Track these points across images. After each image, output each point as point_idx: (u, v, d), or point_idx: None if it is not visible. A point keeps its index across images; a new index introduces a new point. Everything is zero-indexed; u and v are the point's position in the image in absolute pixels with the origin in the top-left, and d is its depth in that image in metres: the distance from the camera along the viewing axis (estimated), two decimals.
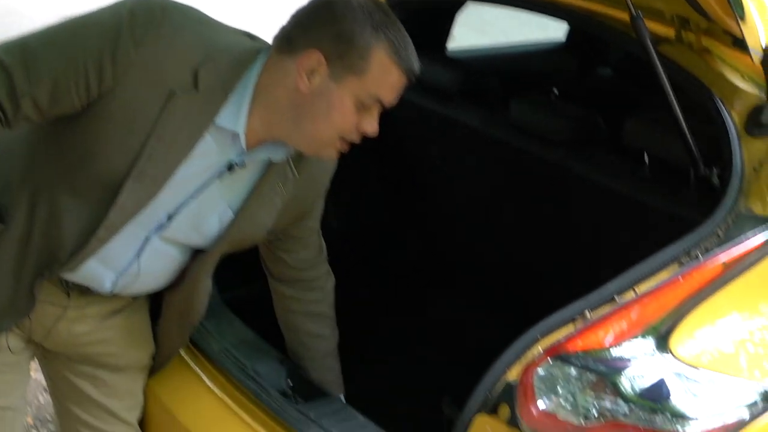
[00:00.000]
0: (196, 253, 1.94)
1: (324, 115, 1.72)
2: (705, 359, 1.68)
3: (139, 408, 2.17)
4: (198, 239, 1.90)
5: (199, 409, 2.16)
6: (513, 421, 1.69)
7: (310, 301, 2.19)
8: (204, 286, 2.02)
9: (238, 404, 2.12)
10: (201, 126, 1.73)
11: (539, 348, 1.72)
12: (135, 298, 2.04)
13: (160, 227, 1.83)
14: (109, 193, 1.73)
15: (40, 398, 3.11)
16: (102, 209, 1.74)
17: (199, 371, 2.22)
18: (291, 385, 2.15)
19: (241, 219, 1.87)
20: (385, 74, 1.71)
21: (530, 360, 1.71)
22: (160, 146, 1.70)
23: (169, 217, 1.82)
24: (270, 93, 1.73)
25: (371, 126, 1.76)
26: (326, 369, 2.23)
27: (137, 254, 1.85)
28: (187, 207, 1.82)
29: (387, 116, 2.75)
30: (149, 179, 1.72)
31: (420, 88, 2.58)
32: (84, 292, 1.91)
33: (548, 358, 1.69)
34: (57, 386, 2.12)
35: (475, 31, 5.28)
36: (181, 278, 1.98)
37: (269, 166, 1.85)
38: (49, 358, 2.07)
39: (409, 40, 1.74)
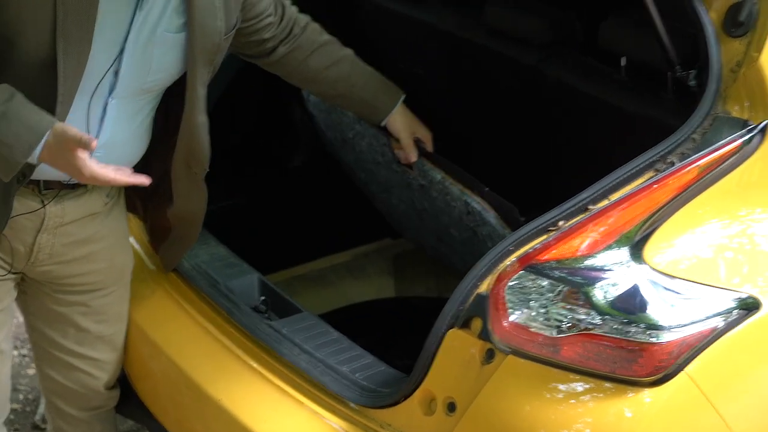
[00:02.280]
0: (176, 98, 1.93)
1: None
2: (681, 267, 1.65)
3: (124, 332, 2.17)
4: (157, 79, 1.88)
5: (171, 328, 2.16)
6: (484, 334, 1.68)
7: (305, 42, 2.16)
8: (201, 123, 1.98)
9: (212, 322, 2.11)
10: None
11: (512, 259, 1.70)
12: (112, 200, 2.03)
13: (113, 89, 1.82)
14: (47, 70, 1.72)
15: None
16: (48, 92, 1.73)
17: (170, 290, 2.21)
18: (264, 300, 2.14)
19: (193, 38, 1.85)
20: None
21: (502, 271, 1.69)
22: (69, 1, 1.69)
23: (116, 74, 1.81)
24: None
25: None
26: (371, 78, 2.22)
27: (100, 123, 1.84)
28: (127, 54, 1.80)
29: (355, 21, 2.73)
30: (76, 36, 1.72)
31: None
32: (58, 195, 1.90)
33: (520, 268, 1.67)
34: (40, 320, 2.11)
35: None
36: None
37: None
38: (32, 292, 2.06)
39: None
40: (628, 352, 1.58)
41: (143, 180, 1.77)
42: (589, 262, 1.66)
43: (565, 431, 1.62)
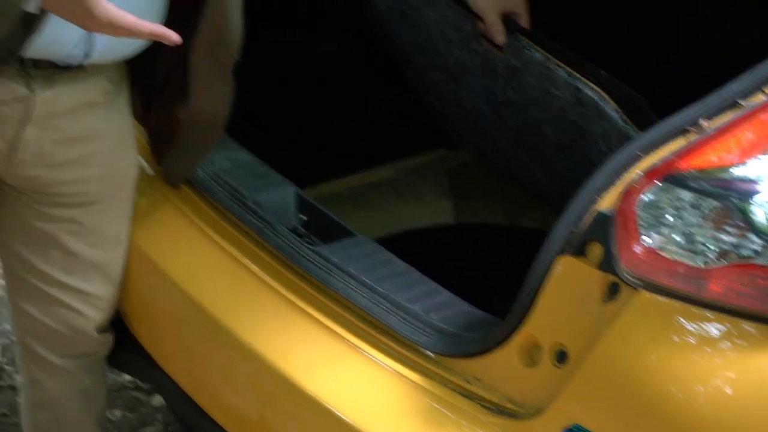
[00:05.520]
0: None
1: None
2: None
3: (123, 260, 2.19)
4: None
5: (183, 253, 2.19)
6: (607, 264, 1.67)
7: None
8: None
9: (236, 245, 2.12)
10: None
11: (639, 170, 1.69)
12: (115, 88, 2.04)
13: None
14: None
15: None
16: None
17: (182, 205, 2.22)
18: (304, 219, 2.14)
19: None
20: None
21: (629, 184, 1.69)
22: None
23: None
24: None
25: None
26: None
27: None
28: None
29: None
30: None
31: None
32: (48, 77, 1.91)
33: (655, 179, 1.66)
34: (17, 239, 2.12)
35: None
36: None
37: None
38: (9, 203, 2.07)
39: None
40: None
41: (172, 36, 1.72)
42: (743, 172, 1.66)
43: (704, 387, 1.63)
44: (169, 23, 1.95)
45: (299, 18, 2.95)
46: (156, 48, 1.98)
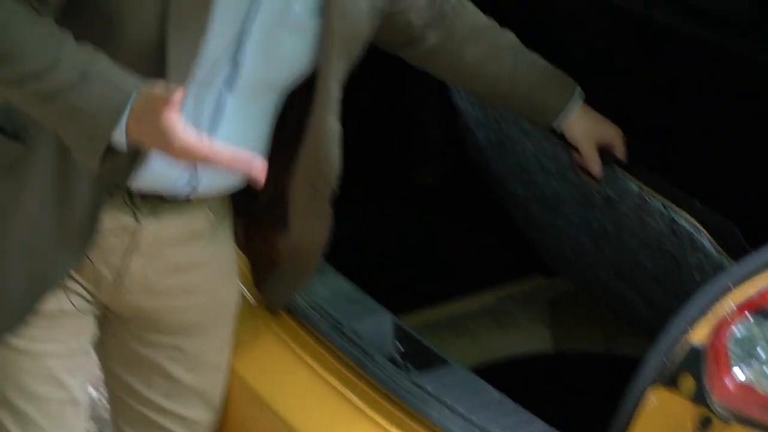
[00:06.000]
0: (304, 94, 1.97)
1: None
2: None
3: (223, 387, 2.22)
4: (283, 72, 1.94)
5: (283, 382, 2.21)
6: (699, 396, 1.68)
7: (460, 27, 2.20)
8: (332, 130, 2.02)
9: (334, 374, 2.15)
10: None
11: (731, 302, 1.71)
12: (218, 219, 2.08)
13: (230, 81, 1.87)
14: (153, 62, 1.77)
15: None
16: (156, 80, 1.76)
17: (282, 333, 2.26)
18: (401, 349, 2.17)
19: (330, 23, 1.90)
20: None
21: (721, 316, 1.70)
22: None
23: (235, 64, 1.86)
24: None
25: None
26: (540, 70, 2.25)
27: (212, 125, 1.89)
28: (250, 39, 1.85)
29: None
30: (190, 18, 1.76)
31: None
32: (154, 207, 1.95)
33: (747, 312, 1.68)
34: (120, 364, 2.16)
35: None
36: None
37: None
38: (113, 330, 2.11)
39: None
40: None
41: (257, 168, 1.73)
42: None
43: None
44: (269, 154, 2.02)
45: (400, 147, 3.01)
46: None
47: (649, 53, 2.51)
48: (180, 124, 1.68)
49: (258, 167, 1.72)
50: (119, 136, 1.71)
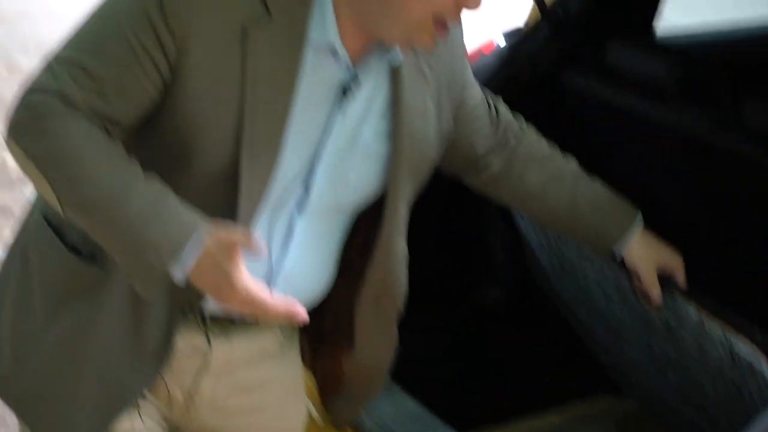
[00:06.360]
0: (373, 215, 2.02)
1: None
2: None
3: None
4: (354, 195, 1.98)
5: None
6: None
7: (522, 153, 2.24)
8: (400, 252, 2.07)
9: None
10: (293, 55, 1.81)
11: None
12: (287, 338, 2.12)
13: (301, 203, 1.92)
14: (226, 186, 1.82)
15: None
16: (227, 207, 1.82)
17: None
18: None
19: (399, 148, 1.94)
20: None
21: None
22: (259, 100, 1.79)
23: (307, 187, 1.90)
24: None
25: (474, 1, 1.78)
26: (600, 197, 2.28)
27: (284, 247, 1.93)
28: (321, 164, 1.90)
29: (573, 120, 2.81)
30: (263, 145, 1.81)
31: (621, 84, 2.59)
32: (225, 328, 1.99)
33: None
34: None
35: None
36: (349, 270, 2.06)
37: (395, 71, 1.93)
38: None
39: None
40: None
41: (300, 315, 1.78)
42: None
43: None
44: (337, 275, 2.07)
45: (466, 268, 3.05)
46: (325, 297, 2.08)
47: (711, 177, 2.53)
48: (245, 274, 1.73)
49: (301, 317, 1.78)
50: (178, 273, 1.74)
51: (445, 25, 1.81)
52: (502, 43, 2.90)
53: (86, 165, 1.74)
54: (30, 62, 5.92)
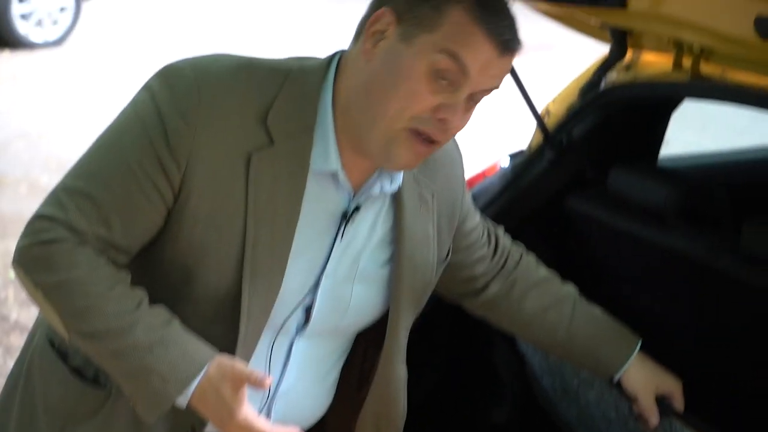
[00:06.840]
0: (369, 343, 2.04)
1: (392, 87, 1.77)
2: None
3: None
4: (354, 318, 2.00)
5: None
6: None
7: (520, 279, 2.27)
8: (400, 377, 2.08)
9: None
10: (295, 182, 1.84)
11: None
12: None
13: (301, 327, 1.94)
14: (228, 308, 1.85)
15: None
16: (228, 329, 1.85)
17: None
18: None
19: (400, 273, 1.97)
20: (462, 34, 1.73)
21: None
22: (261, 226, 1.82)
23: (307, 311, 1.93)
24: (347, 101, 1.83)
25: (452, 112, 1.77)
26: (598, 323, 2.29)
27: (284, 367, 1.96)
28: (323, 289, 1.92)
29: (575, 241, 2.84)
30: (266, 270, 1.84)
31: (624, 209, 2.64)
32: None
33: None
34: None
35: (692, 128, 5.25)
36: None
37: (397, 198, 1.96)
38: None
39: (507, 9, 1.77)
40: None
41: None
42: None
43: None
44: (336, 397, 2.10)
45: (470, 388, 3.06)
46: (323, 419, 2.09)
47: (709, 301, 2.56)
48: (247, 405, 1.77)
49: None
50: (182, 401, 1.79)
51: (427, 139, 1.81)
52: (507, 165, 2.95)
53: (92, 296, 1.78)
54: (51, 181, 6.01)
